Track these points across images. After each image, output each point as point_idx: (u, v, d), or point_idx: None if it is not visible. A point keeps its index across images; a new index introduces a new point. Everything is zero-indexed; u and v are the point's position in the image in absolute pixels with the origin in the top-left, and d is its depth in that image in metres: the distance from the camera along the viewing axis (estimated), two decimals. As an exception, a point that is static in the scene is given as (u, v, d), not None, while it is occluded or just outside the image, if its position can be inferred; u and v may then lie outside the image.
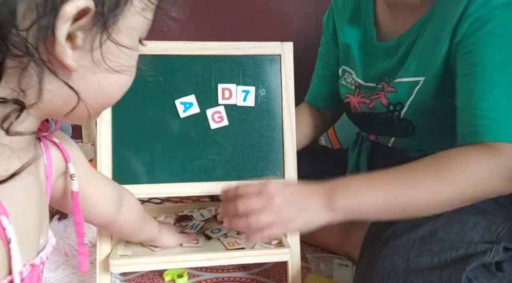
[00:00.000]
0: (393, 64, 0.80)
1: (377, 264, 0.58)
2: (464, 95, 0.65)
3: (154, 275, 0.83)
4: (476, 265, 0.55)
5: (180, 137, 0.72)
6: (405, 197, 0.60)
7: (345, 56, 0.92)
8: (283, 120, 0.74)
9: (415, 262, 0.56)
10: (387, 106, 0.81)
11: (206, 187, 0.72)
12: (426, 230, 0.60)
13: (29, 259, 0.36)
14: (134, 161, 0.71)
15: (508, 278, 0.58)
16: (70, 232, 0.99)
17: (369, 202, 0.61)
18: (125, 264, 0.66)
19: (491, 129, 0.60)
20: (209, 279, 0.82)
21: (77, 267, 0.87)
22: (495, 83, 0.62)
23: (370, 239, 0.66)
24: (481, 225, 0.61)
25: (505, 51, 0.62)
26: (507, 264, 0.59)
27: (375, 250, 0.61)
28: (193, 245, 0.72)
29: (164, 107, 0.71)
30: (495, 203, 0.67)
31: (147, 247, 0.72)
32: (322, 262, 0.86)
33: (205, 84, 0.72)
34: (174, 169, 0.71)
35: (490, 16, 0.63)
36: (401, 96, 0.77)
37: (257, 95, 0.73)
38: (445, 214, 0.62)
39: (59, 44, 0.30)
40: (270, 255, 0.70)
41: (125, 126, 0.70)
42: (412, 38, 0.76)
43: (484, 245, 0.58)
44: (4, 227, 0.31)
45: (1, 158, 0.32)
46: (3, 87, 0.31)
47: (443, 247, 0.57)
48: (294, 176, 0.73)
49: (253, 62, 0.73)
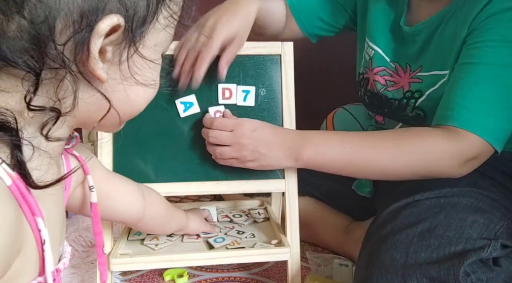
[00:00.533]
0: (412, 51, 0.81)
1: (376, 260, 0.59)
2: (454, 81, 0.69)
3: (154, 275, 0.83)
4: (473, 260, 0.55)
5: (180, 136, 0.71)
6: (365, 157, 0.66)
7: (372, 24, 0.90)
8: (283, 120, 0.74)
9: (414, 257, 0.57)
10: (405, 93, 0.81)
11: (207, 187, 0.72)
12: (425, 227, 0.60)
13: (55, 263, 0.38)
14: (134, 160, 0.71)
15: (506, 272, 0.58)
16: (70, 232, 0.99)
17: (332, 158, 0.67)
18: (125, 262, 0.66)
19: (462, 116, 0.64)
20: (209, 279, 0.82)
21: (77, 267, 0.88)
22: (482, 78, 0.65)
23: (370, 236, 0.66)
24: (480, 222, 0.62)
25: (505, 53, 0.65)
26: (504, 260, 0.60)
27: (375, 246, 0.61)
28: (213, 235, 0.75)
29: (165, 107, 0.71)
30: (493, 202, 0.68)
31: (147, 246, 0.72)
32: (322, 262, 0.86)
33: (205, 84, 0.71)
34: (174, 169, 0.71)
35: (503, 15, 0.65)
36: (424, 86, 0.78)
37: (257, 95, 0.74)
38: (444, 212, 0.63)
39: (92, 57, 0.33)
40: (270, 255, 0.70)
41: (125, 126, 0.69)
42: (432, 28, 0.77)
43: (482, 241, 0.59)
44: (39, 228, 0.33)
45: (43, 163, 0.35)
46: (41, 96, 0.33)
47: (442, 243, 0.58)
48: (294, 175, 0.73)
49: (253, 62, 0.73)
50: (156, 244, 0.72)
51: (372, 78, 0.89)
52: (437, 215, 0.62)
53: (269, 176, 0.73)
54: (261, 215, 0.85)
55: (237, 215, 0.86)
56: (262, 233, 0.77)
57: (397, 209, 0.66)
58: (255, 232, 0.77)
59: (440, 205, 0.64)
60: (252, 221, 0.83)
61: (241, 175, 0.72)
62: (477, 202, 0.66)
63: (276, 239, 0.73)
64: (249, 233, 0.77)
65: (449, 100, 0.68)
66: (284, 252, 0.69)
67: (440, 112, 0.69)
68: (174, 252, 0.70)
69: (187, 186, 0.71)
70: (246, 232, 0.77)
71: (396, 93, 0.83)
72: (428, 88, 0.77)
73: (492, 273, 0.57)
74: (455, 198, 0.66)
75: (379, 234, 0.63)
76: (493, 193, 0.70)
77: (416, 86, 0.80)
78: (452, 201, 0.65)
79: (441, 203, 0.65)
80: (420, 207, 0.65)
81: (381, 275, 0.57)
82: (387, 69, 0.86)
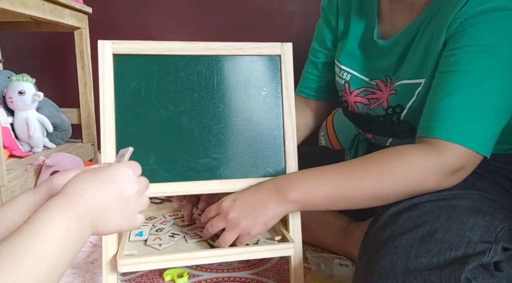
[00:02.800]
0: (390, 63, 0.80)
1: (376, 265, 0.58)
2: (434, 90, 0.68)
3: (154, 275, 0.83)
4: (475, 266, 0.55)
5: (184, 136, 0.72)
6: (350, 191, 0.66)
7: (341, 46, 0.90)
8: (283, 119, 0.74)
9: (414, 262, 0.56)
10: (386, 109, 0.81)
11: (210, 186, 0.72)
12: (425, 231, 0.60)
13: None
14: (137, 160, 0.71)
15: (507, 278, 0.57)
16: (70, 232, 0.99)
17: (318, 195, 0.67)
18: (133, 263, 0.66)
19: (443, 127, 0.64)
20: (209, 279, 0.82)
21: (77, 267, 0.88)
22: (462, 85, 0.64)
23: (368, 240, 0.65)
24: (480, 225, 0.61)
25: (482, 58, 0.64)
26: (505, 264, 0.59)
27: (374, 251, 0.60)
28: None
29: (168, 107, 0.71)
30: (493, 203, 0.67)
31: (151, 246, 0.72)
32: (322, 262, 0.86)
33: (207, 84, 0.72)
34: (178, 168, 0.71)
35: (476, 19, 0.64)
36: (402, 99, 0.77)
37: (258, 95, 0.74)
38: (444, 215, 0.62)
39: None
40: (273, 251, 0.70)
41: (129, 125, 0.70)
42: (409, 38, 0.76)
43: (483, 245, 0.58)
44: None
45: None
46: None
47: (442, 247, 0.57)
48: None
49: (253, 63, 0.74)
50: (159, 244, 0.72)
51: (352, 101, 0.88)
52: (437, 218, 0.62)
53: (271, 173, 0.73)
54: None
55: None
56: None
57: (396, 213, 0.65)
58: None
59: (440, 208, 0.64)
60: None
61: (243, 174, 0.73)
62: (477, 204, 0.65)
63: (279, 235, 0.73)
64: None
65: (430, 110, 0.67)
66: (288, 247, 0.70)
67: (422, 124, 0.68)
68: (180, 251, 0.70)
69: (192, 185, 0.71)
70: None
71: (377, 109, 0.83)
72: (407, 100, 0.76)
73: (494, 279, 0.56)
74: (455, 201, 0.65)
75: (379, 238, 0.62)
76: (493, 195, 0.70)
77: (393, 99, 0.79)
78: (452, 203, 0.64)
79: (441, 206, 0.64)
80: (419, 210, 0.64)
81: (381, 281, 0.56)
82: (368, 89, 0.85)
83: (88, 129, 1.62)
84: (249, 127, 0.74)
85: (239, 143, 0.73)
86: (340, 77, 0.90)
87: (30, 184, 1.18)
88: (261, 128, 0.74)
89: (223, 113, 0.73)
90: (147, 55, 0.70)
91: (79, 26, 1.49)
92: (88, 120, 1.60)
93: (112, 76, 0.69)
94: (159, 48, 0.70)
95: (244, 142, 0.73)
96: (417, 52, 0.74)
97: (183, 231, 0.78)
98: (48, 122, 1.43)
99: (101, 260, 0.68)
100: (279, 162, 0.74)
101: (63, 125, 1.53)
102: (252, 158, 0.73)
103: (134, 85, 0.70)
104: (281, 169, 0.74)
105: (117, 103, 0.69)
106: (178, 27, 1.75)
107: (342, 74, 0.89)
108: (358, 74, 0.86)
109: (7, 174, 1.07)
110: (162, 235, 0.76)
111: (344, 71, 0.89)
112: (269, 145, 0.74)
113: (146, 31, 1.76)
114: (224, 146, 0.73)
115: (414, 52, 0.75)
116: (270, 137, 0.74)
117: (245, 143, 0.73)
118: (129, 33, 1.76)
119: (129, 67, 0.70)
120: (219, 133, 0.73)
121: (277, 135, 0.74)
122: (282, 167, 0.74)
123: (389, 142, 0.86)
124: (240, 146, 0.73)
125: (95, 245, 0.98)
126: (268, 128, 0.74)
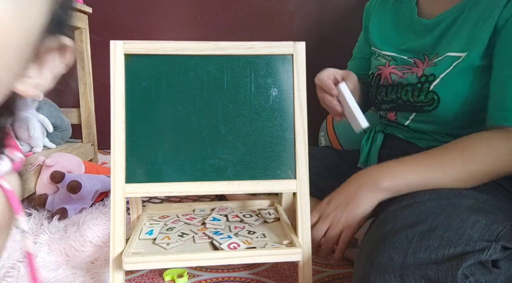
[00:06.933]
0: (430, 41, 0.84)
1: (375, 259, 0.58)
2: (500, 79, 0.72)
3: (155, 275, 0.83)
4: (472, 262, 0.55)
5: (192, 136, 0.71)
6: (437, 178, 0.71)
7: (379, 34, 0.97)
8: (295, 120, 0.73)
9: (413, 257, 0.56)
10: (420, 77, 0.84)
11: (218, 186, 0.71)
12: (425, 227, 0.60)
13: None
14: (147, 160, 0.71)
15: (505, 275, 0.57)
16: (70, 232, 0.99)
17: (409, 180, 0.72)
18: (137, 261, 0.65)
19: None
20: (209, 279, 0.82)
21: (77, 267, 0.87)
22: None
23: (369, 235, 0.66)
24: (481, 223, 0.61)
25: None
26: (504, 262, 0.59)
27: (374, 246, 0.61)
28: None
29: (177, 107, 0.71)
30: (495, 203, 0.68)
31: (159, 245, 0.72)
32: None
33: (217, 84, 0.72)
34: (185, 168, 0.71)
35: None
36: (437, 69, 0.81)
37: (268, 95, 0.73)
38: (445, 213, 0.62)
39: None
40: (281, 255, 0.69)
41: (138, 125, 0.70)
42: (452, 17, 0.81)
43: (483, 243, 0.58)
44: None
45: None
46: None
47: (441, 244, 0.57)
48: (306, 175, 0.73)
49: (265, 62, 0.73)
50: (167, 243, 0.72)
51: (388, 72, 0.92)
52: (438, 216, 0.62)
53: (281, 176, 0.72)
54: (272, 215, 0.85)
55: (247, 215, 0.85)
56: (273, 234, 0.77)
57: (397, 210, 0.66)
58: (265, 232, 0.77)
59: (441, 206, 0.64)
60: (262, 221, 0.83)
61: (252, 175, 0.72)
62: (479, 203, 0.66)
63: (287, 239, 0.73)
64: (260, 233, 0.76)
65: (501, 98, 0.71)
66: (296, 252, 0.68)
67: (495, 112, 0.73)
68: (186, 251, 0.70)
69: (199, 186, 0.71)
70: (257, 232, 0.77)
71: (411, 78, 0.86)
72: (442, 71, 0.79)
73: (491, 276, 0.56)
74: (456, 199, 0.66)
75: (379, 234, 0.63)
76: (496, 195, 0.70)
77: (429, 70, 0.82)
78: (453, 202, 0.65)
79: (442, 204, 0.64)
80: (421, 208, 0.64)
81: (379, 275, 0.57)
82: (406, 65, 0.89)
83: (88, 129, 1.61)
84: (259, 128, 0.73)
85: (248, 144, 0.72)
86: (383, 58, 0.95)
87: (30, 184, 1.18)
88: (271, 129, 0.73)
89: (233, 113, 0.72)
90: (158, 55, 0.70)
91: (79, 26, 1.49)
92: (88, 120, 1.60)
93: (123, 76, 0.69)
94: (170, 48, 0.70)
95: (253, 144, 0.73)
96: (464, 27, 0.78)
97: (193, 231, 0.78)
98: (48, 122, 1.43)
99: (101, 260, 0.68)
100: (289, 165, 0.73)
101: (63, 125, 1.53)
102: (261, 160, 0.73)
103: (144, 85, 0.70)
104: (291, 172, 0.73)
105: (127, 102, 0.69)
106: (178, 27, 1.75)
107: (381, 58, 0.95)
108: (398, 55, 0.91)
109: (7, 174, 1.07)
110: (171, 234, 0.75)
111: (383, 56, 0.95)
112: (279, 147, 0.73)
113: (146, 31, 1.75)
114: (232, 147, 0.72)
115: (461, 27, 0.79)
116: (281, 139, 0.73)
117: (254, 145, 0.73)
118: (129, 33, 1.76)
119: (140, 67, 0.70)
120: (228, 133, 0.72)
121: (288, 137, 0.73)
122: (292, 169, 0.73)
123: (410, 119, 0.89)
124: (249, 148, 0.72)
125: (95, 245, 0.98)
126: (278, 130, 0.73)
